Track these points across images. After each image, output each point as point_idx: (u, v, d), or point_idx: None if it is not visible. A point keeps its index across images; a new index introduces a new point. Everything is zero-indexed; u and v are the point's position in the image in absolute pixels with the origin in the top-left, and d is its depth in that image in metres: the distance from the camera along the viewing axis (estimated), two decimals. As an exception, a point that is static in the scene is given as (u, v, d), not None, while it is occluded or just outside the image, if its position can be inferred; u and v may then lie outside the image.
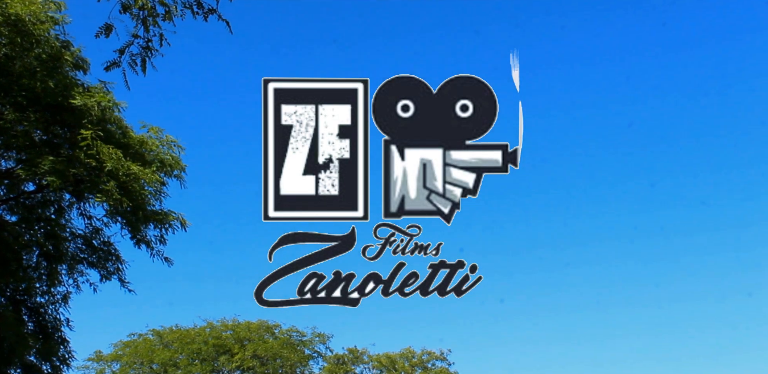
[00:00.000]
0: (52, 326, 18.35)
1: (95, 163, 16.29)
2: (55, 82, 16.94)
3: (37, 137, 17.42)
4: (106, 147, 16.44)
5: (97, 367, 39.85)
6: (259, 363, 38.50)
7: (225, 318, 41.46)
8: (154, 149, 17.42)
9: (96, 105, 16.79)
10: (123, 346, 39.91)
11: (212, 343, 38.82)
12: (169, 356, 38.79)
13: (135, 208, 16.94)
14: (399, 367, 43.64)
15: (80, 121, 16.90)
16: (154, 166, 17.19)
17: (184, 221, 17.79)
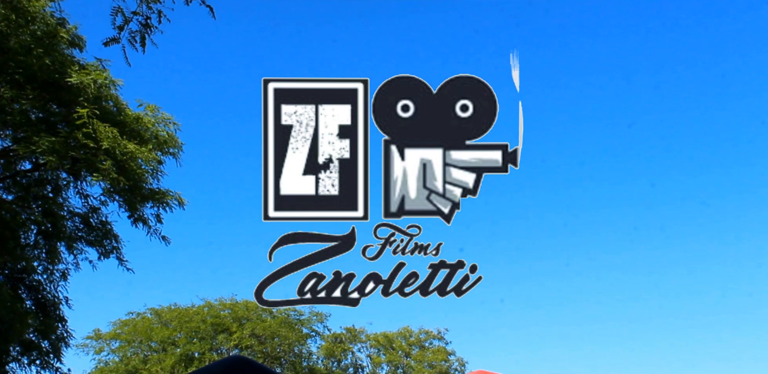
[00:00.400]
0: (51, 304, 18.42)
1: (92, 143, 16.26)
2: (51, 59, 16.87)
3: (33, 115, 17.37)
4: (102, 126, 16.40)
5: (96, 345, 39.94)
6: (257, 341, 38.69)
7: (223, 297, 41.71)
8: (150, 127, 17.39)
9: (92, 83, 16.73)
10: (122, 325, 39.93)
11: (210, 322, 38.91)
12: (167, 334, 38.93)
13: (132, 187, 16.94)
14: (396, 346, 43.93)
15: (76, 98, 16.86)
16: (150, 144, 17.17)
17: (181, 199, 17.83)
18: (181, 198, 17.85)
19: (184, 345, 38.64)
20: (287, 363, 40.49)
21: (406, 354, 43.76)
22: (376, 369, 44.20)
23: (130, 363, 38.48)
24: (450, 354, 44.54)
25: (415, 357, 43.55)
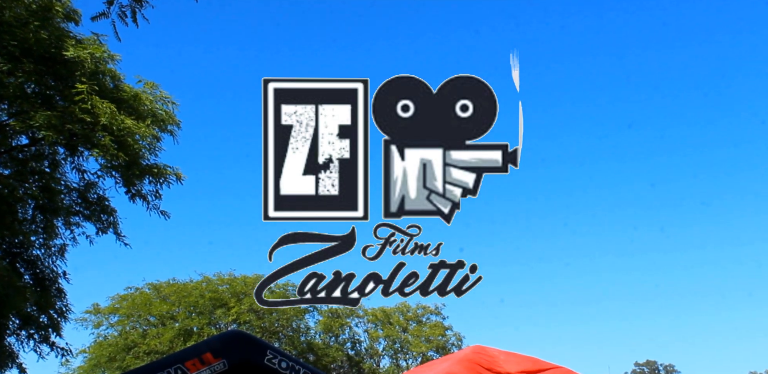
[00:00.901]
0: (49, 278, 18.43)
1: (90, 118, 16.18)
2: (48, 33, 16.73)
3: (29, 89, 17.25)
4: (100, 101, 16.31)
5: (94, 320, 40.00)
6: (255, 316, 38.79)
7: (221, 272, 41.75)
8: (148, 104, 17.30)
9: (89, 57, 16.60)
10: (120, 299, 39.96)
11: (209, 297, 38.90)
12: (166, 309, 39.01)
13: (130, 162, 16.87)
14: (394, 321, 44.05)
15: (73, 73, 16.73)
16: (148, 120, 17.08)
17: (179, 174, 17.76)
18: (179, 173, 17.79)
19: (182, 320, 38.75)
20: (285, 337, 40.70)
21: (403, 329, 43.91)
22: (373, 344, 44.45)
23: (129, 338, 38.62)
24: (447, 329, 44.73)
25: (412, 332, 43.72)
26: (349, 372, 43.30)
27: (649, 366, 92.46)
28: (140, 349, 37.68)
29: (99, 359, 38.38)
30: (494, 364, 11.53)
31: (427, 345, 43.39)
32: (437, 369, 11.83)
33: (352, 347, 44.43)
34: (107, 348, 38.44)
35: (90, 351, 39.09)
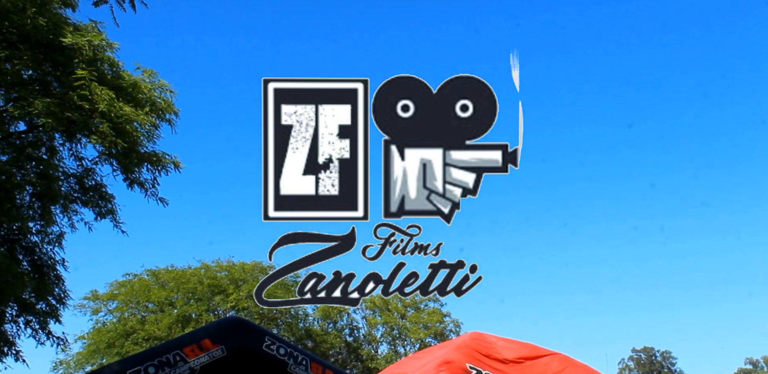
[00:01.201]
0: (47, 265, 18.42)
1: (88, 105, 16.14)
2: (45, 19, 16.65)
3: (27, 76, 17.19)
4: (98, 88, 16.26)
5: (93, 306, 39.96)
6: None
7: (219, 259, 41.80)
8: (147, 92, 17.24)
9: (87, 44, 16.53)
10: (118, 286, 39.98)
11: (207, 283, 38.94)
12: (165, 295, 39.03)
13: (128, 150, 16.83)
14: (392, 308, 44.07)
15: (71, 60, 16.67)
16: (146, 108, 17.04)
17: (177, 162, 17.72)
18: (178, 161, 17.76)
19: (181, 306, 38.79)
20: (283, 324, 40.78)
21: (401, 316, 43.97)
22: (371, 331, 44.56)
23: (128, 324, 38.63)
24: (445, 316, 44.78)
25: (410, 318, 43.77)
26: (348, 359, 43.43)
27: (646, 353, 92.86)
28: (139, 335, 37.71)
29: (98, 345, 38.34)
30: (492, 350, 11.61)
31: (425, 332, 43.44)
32: (435, 356, 11.90)
33: (350, 333, 44.60)
34: (106, 334, 38.40)
35: (88, 337, 39.10)
